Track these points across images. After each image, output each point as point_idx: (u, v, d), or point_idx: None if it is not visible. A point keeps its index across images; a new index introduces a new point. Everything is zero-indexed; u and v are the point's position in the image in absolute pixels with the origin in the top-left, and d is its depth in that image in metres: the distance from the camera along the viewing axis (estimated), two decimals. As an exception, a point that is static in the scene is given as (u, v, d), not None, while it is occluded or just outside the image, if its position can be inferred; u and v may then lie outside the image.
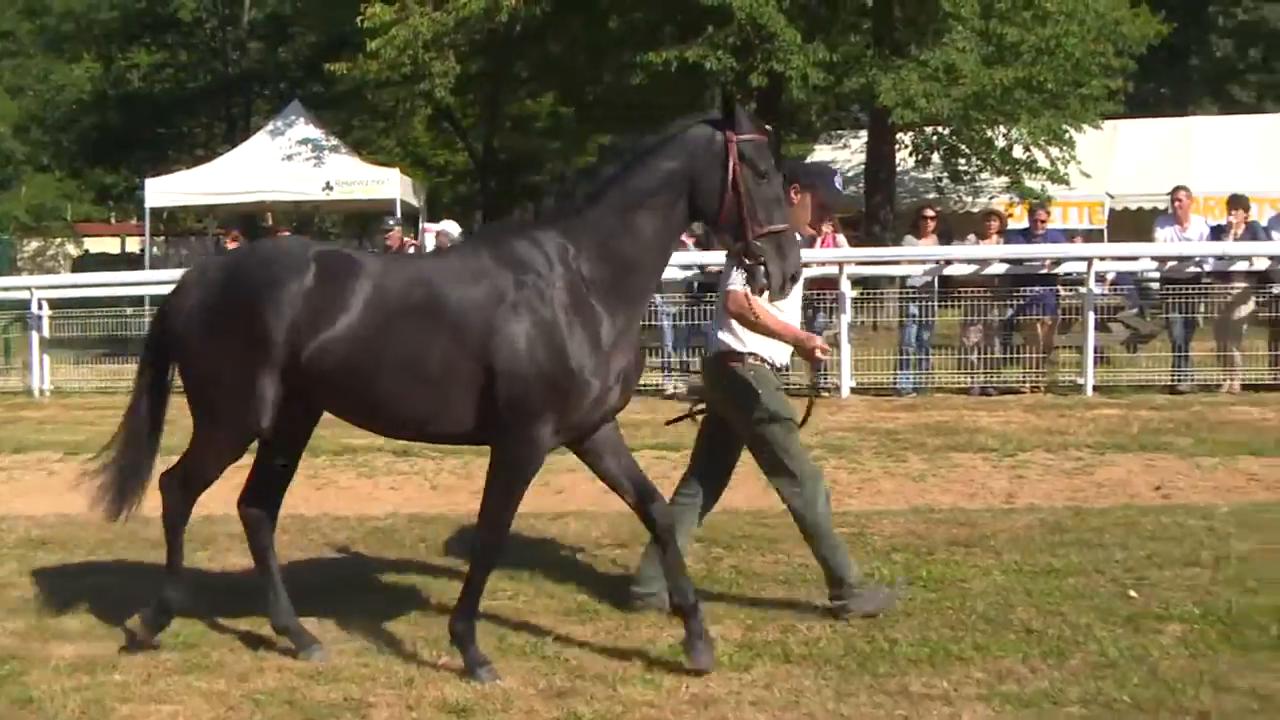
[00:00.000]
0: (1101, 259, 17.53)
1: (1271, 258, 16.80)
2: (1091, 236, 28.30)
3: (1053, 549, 8.67)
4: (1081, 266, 16.90)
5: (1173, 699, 6.16)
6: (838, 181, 8.00)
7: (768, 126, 7.13)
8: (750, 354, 7.56)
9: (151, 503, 7.34)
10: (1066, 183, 28.87)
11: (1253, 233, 17.31)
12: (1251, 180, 25.46)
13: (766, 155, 6.66)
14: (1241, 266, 16.90)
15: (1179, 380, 16.55)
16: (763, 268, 6.51)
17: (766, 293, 6.70)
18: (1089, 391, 16.12)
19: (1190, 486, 10.92)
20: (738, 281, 7.20)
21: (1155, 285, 17.52)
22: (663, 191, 6.58)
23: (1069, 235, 24.49)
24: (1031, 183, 28.87)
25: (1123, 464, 11.90)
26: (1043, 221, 18.34)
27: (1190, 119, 36.98)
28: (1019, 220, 23.71)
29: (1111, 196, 30.78)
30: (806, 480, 7.54)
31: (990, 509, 10.25)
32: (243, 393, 6.75)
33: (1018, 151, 29.02)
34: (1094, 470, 11.67)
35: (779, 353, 7.68)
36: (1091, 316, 16.55)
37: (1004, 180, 29.66)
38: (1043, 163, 28.79)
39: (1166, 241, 17.33)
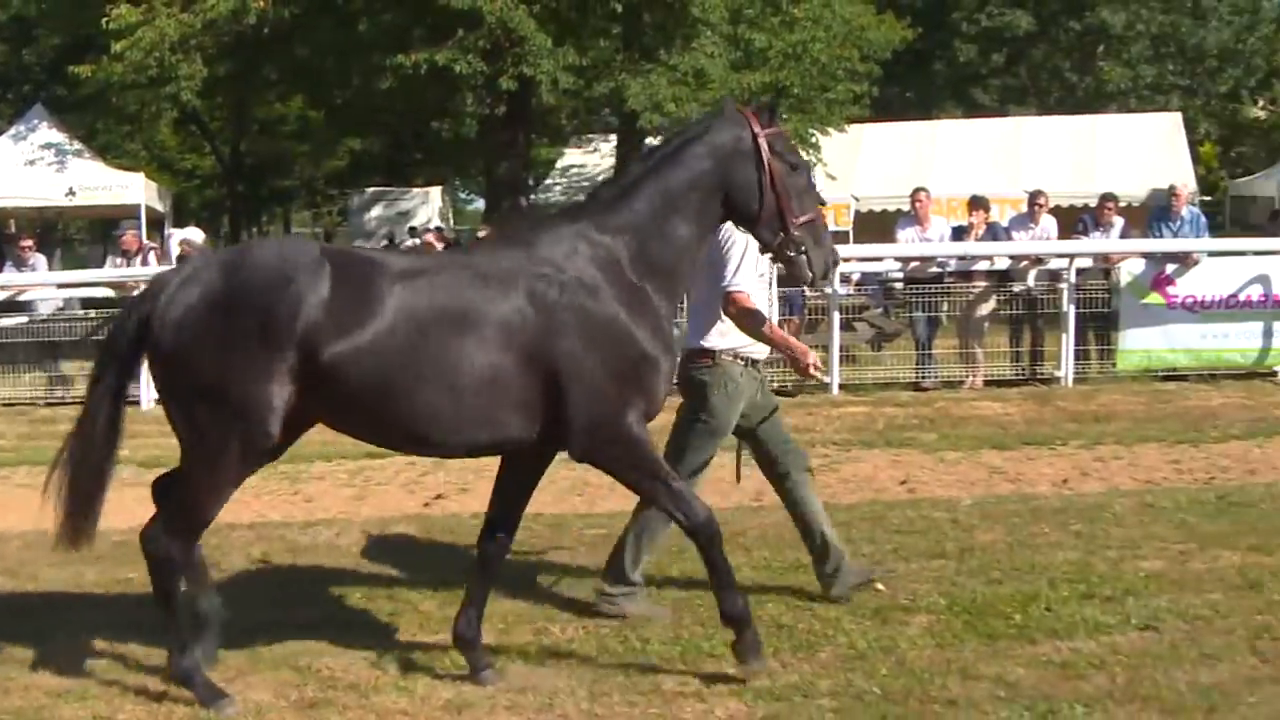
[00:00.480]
0: (846, 260, 17.82)
1: (1012, 257, 17.34)
2: (838, 238, 28.76)
3: (801, 545, 8.78)
4: (829, 268, 17.12)
5: (920, 688, 6.31)
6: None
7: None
8: (725, 350, 7.53)
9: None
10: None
11: (993, 233, 17.83)
12: (994, 182, 26.31)
13: (793, 147, 6.80)
14: (983, 266, 17.37)
15: (923, 377, 16.98)
16: (804, 257, 6.58)
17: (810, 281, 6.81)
18: (835, 390, 16.40)
19: (935, 480, 11.21)
20: (741, 281, 7.28)
21: (899, 285, 17.89)
22: (693, 193, 6.53)
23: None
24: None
25: (869, 460, 12.17)
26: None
27: (934, 123, 38.00)
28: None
29: (857, 199, 31.41)
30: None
31: (740, 507, 10.34)
32: (254, 405, 6.08)
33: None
34: (840, 467, 11.90)
35: (758, 350, 7.66)
36: (837, 316, 16.86)
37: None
38: (793, 165, 29.27)
39: (908, 242, 17.76)
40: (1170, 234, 17.66)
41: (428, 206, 46.10)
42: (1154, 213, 18.64)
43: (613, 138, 32.49)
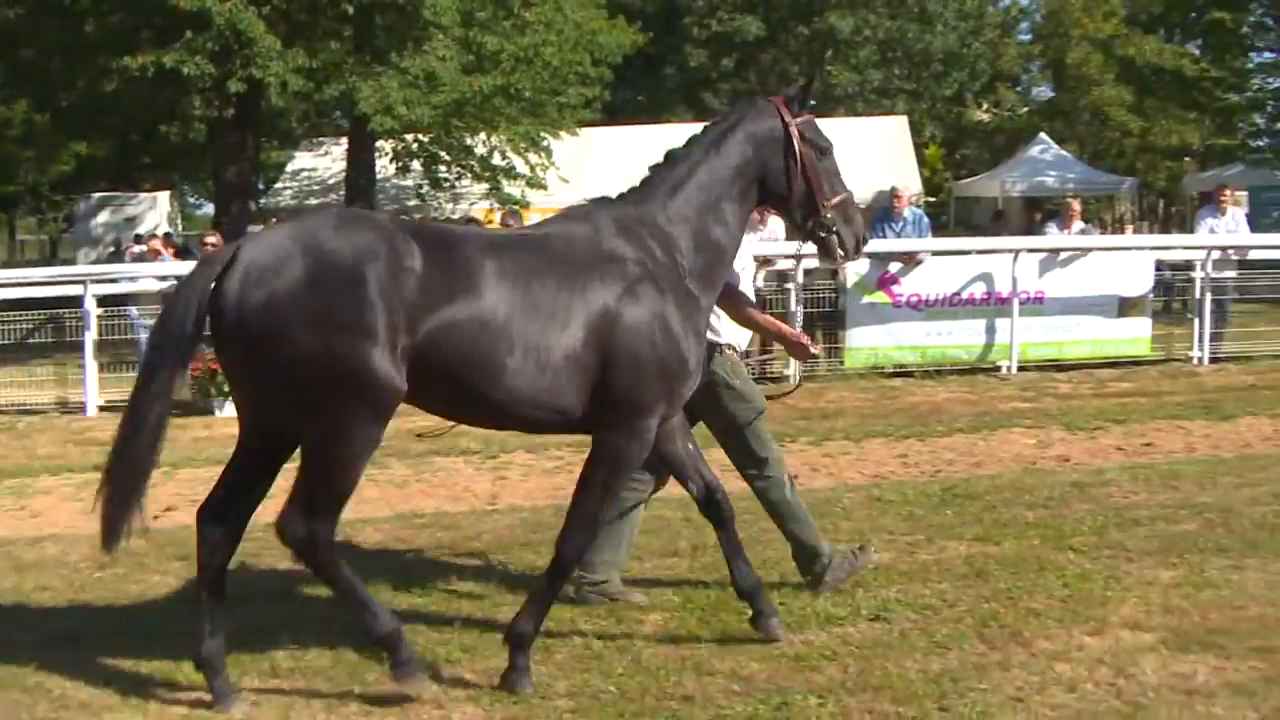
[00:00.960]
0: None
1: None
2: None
3: (535, 548, 8.77)
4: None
5: (657, 686, 6.35)
6: None
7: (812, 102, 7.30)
8: (726, 344, 7.70)
9: None
10: (545, 188, 29.55)
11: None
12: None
13: (820, 132, 7.04)
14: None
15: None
16: (836, 236, 6.93)
17: (842, 259, 7.11)
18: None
19: (674, 482, 11.25)
20: (737, 277, 7.36)
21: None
22: (738, 180, 6.82)
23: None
24: (511, 189, 29.39)
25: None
26: (509, 225, 18.59)
27: (665, 126, 38.41)
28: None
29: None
30: (774, 464, 7.78)
31: (474, 511, 10.33)
32: (371, 371, 5.88)
33: (497, 158, 29.50)
34: (574, 469, 11.72)
35: (742, 338, 7.99)
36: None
37: (484, 187, 30.05)
38: (521, 169, 29.38)
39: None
40: (893, 234, 18.18)
41: (155, 212, 44.88)
42: (877, 214, 19.14)
43: (344, 141, 32.08)
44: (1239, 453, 12.17)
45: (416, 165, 30.45)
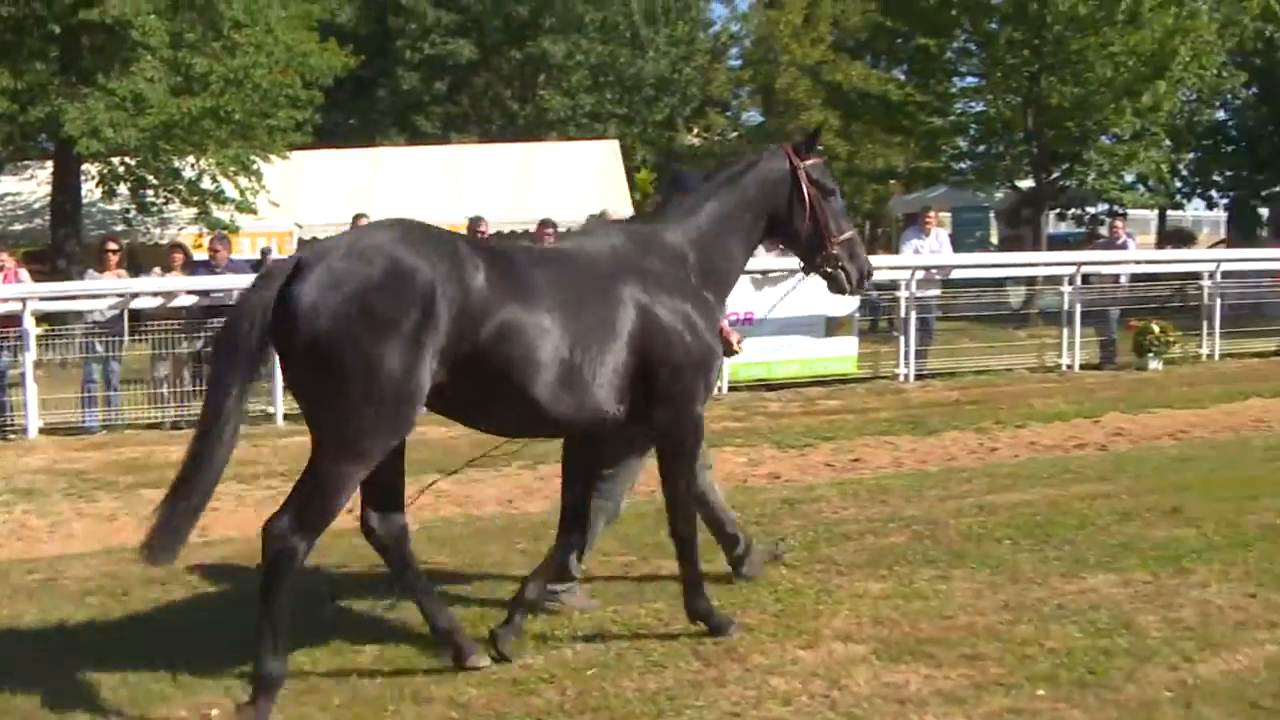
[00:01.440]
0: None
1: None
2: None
3: (251, 579, 8.61)
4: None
5: (375, 716, 6.31)
6: None
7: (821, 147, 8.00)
8: None
9: None
10: (255, 212, 29.08)
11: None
12: (436, 208, 26.62)
13: (828, 174, 7.81)
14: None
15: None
16: (842, 271, 7.70)
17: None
18: (280, 420, 16.20)
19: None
20: None
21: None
22: (746, 216, 7.54)
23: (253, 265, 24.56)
24: (220, 213, 28.85)
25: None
26: (217, 252, 18.28)
27: (377, 149, 38.26)
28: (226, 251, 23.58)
29: (300, 226, 31.24)
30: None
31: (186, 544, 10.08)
32: (407, 387, 6.16)
33: (206, 182, 28.93)
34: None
35: None
36: (277, 346, 16.52)
37: (193, 211, 29.42)
38: (231, 193, 28.86)
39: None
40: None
41: None
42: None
43: (49, 164, 31.06)
44: (944, 466, 12.62)
45: (123, 189, 29.61)
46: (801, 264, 7.93)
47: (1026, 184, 35.04)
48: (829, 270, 7.72)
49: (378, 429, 6.19)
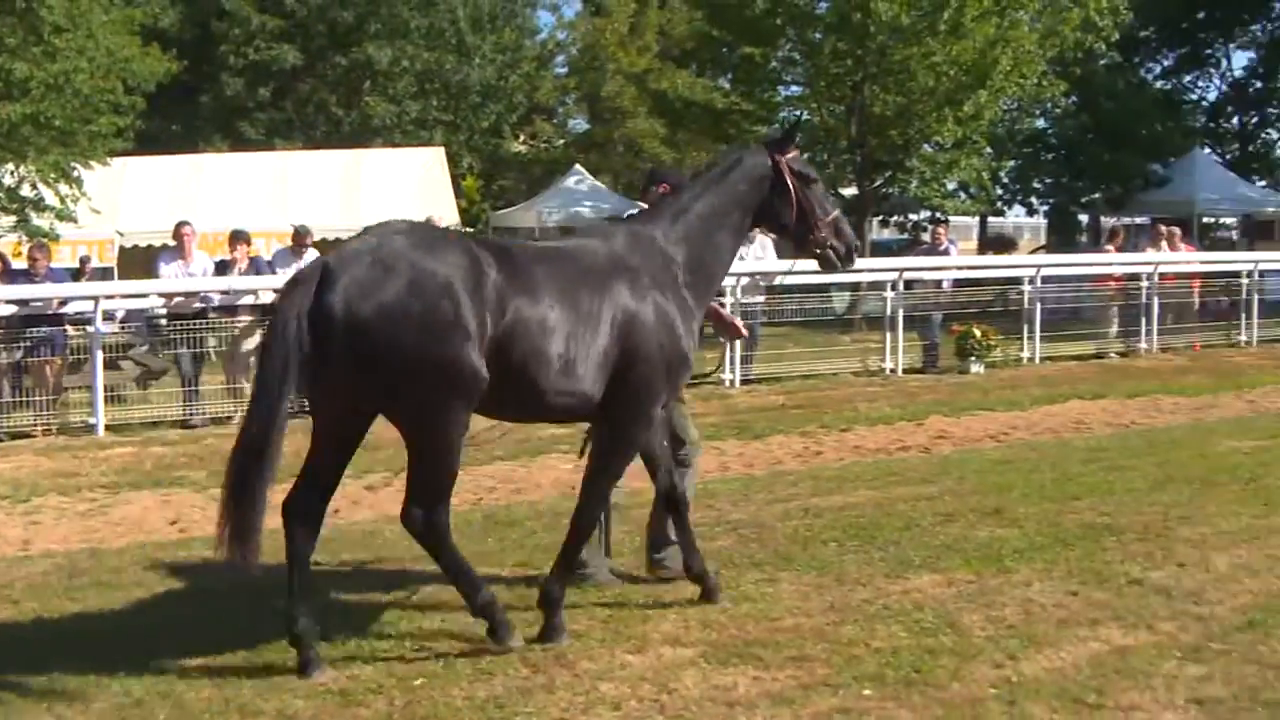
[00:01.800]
0: (110, 297, 17.35)
1: (275, 291, 17.36)
2: (104, 274, 28.12)
3: (72, 593, 8.44)
4: (89, 305, 16.55)
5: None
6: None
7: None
8: None
9: None
10: (75, 220, 28.46)
11: (256, 267, 17.88)
12: (260, 216, 26.33)
13: (806, 165, 8.31)
14: (248, 300, 17.29)
15: (190, 415, 16.71)
16: (830, 251, 8.19)
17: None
18: (101, 431, 15.85)
19: (207, 519, 10.94)
20: None
21: (164, 321, 17.54)
22: (735, 212, 8.03)
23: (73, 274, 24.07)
24: (40, 221, 28.19)
25: (138, 501, 11.84)
26: (36, 260, 17.84)
27: (200, 156, 37.67)
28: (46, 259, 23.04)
29: (122, 234, 30.68)
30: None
31: (4, 558, 9.83)
32: (467, 366, 6.77)
33: (25, 189, 28.25)
34: (110, 510, 11.52)
35: None
36: (100, 355, 16.24)
37: (11, 219, 28.71)
38: (51, 201, 28.21)
39: (172, 277, 17.47)
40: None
41: None
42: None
43: None
44: (770, 470, 12.76)
45: (-59, 197, 28.74)
46: (795, 248, 8.46)
47: (850, 191, 35.52)
48: (819, 251, 8.23)
49: (453, 406, 6.86)
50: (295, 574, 7.01)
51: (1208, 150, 53.79)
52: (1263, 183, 57.15)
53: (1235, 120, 66.16)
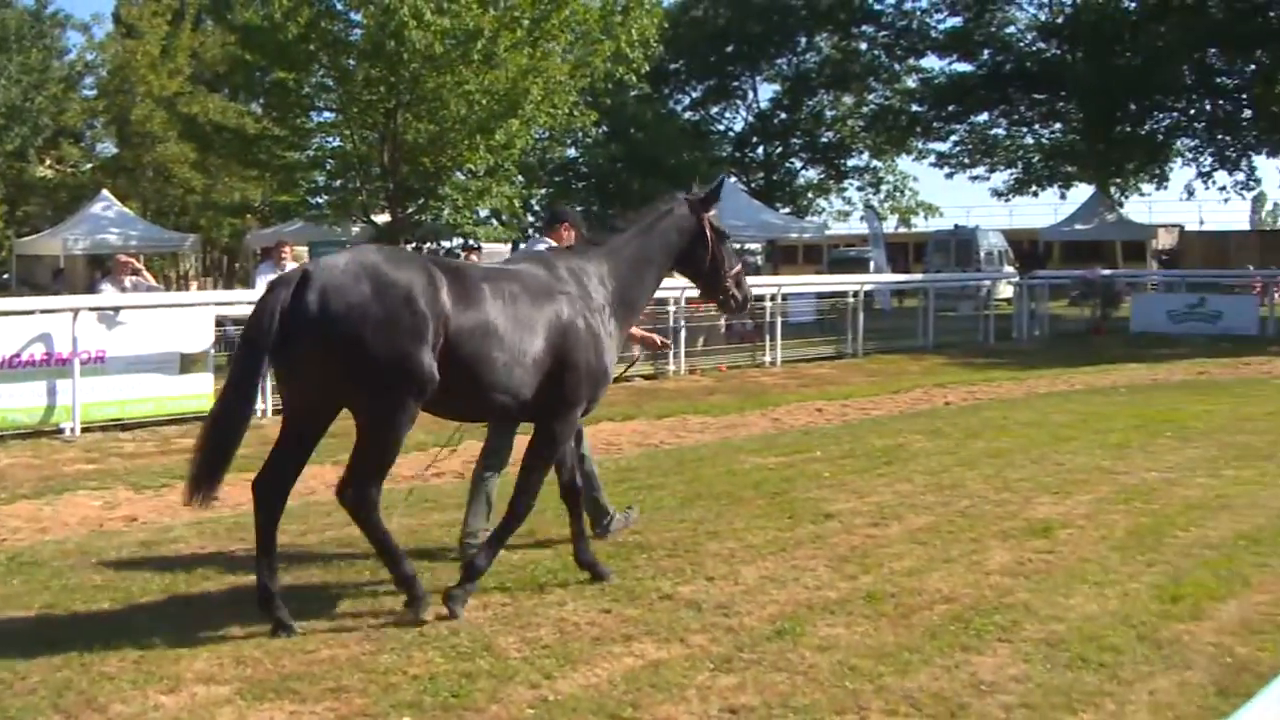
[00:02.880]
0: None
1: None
2: None
3: None
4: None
5: None
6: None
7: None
8: None
9: None
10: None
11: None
12: None
13: (720, 222, 9.95)
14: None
15: None
16: (734, 300, 9.91)
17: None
18: None
19: None
20: None
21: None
22: (659, 255, 9.59)
23: None
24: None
25: None
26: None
27: None
28: None
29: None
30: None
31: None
32: (420, 365, 7.92)
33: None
34: None
35: None
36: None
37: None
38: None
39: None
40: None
41: None
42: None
43: None
44: (302, 501, 12.57)
45: None
46: (701, 293, 10.42)
47: (383, 219, 35.56)
48: (722, 298, 9.92)
49: (405, 399, 7.98)
50: (262, 543, 8.18)
51: (734, 179, 56.28)
52: (786, 210, 60.32)
53: (760, 150, 69.79)
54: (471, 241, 26.58)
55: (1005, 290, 41.13)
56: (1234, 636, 7.95)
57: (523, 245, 20.91)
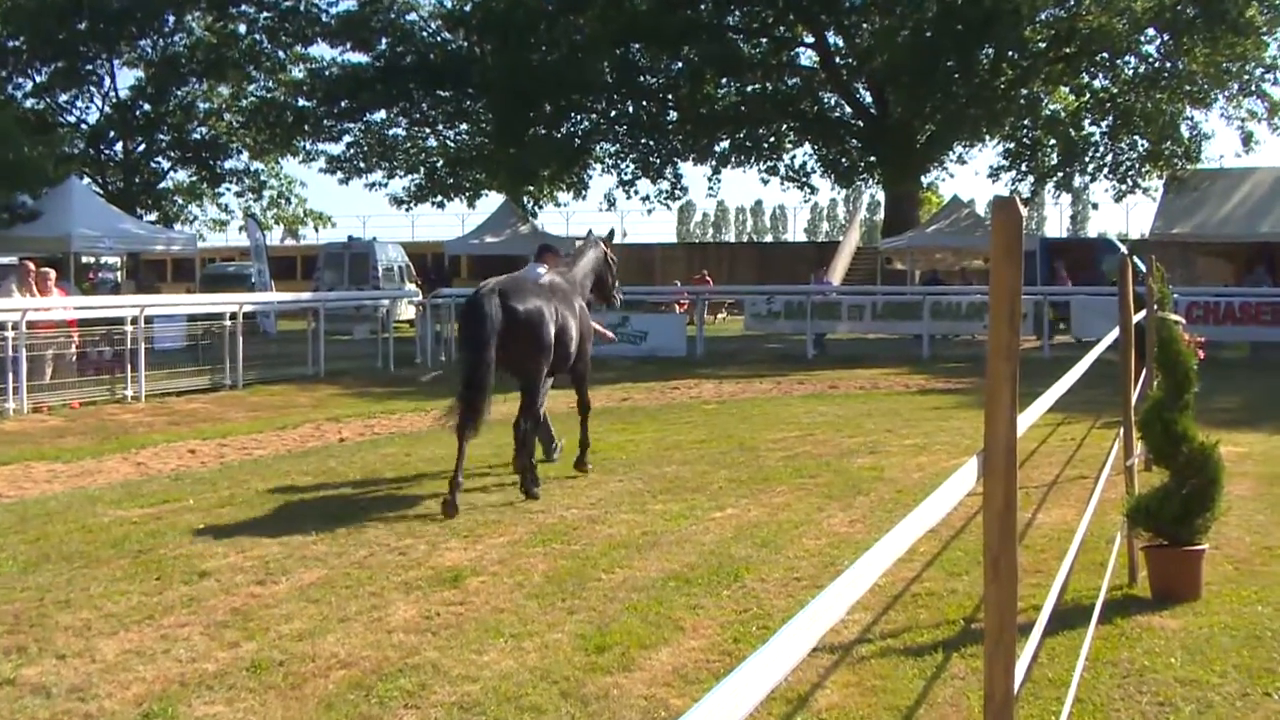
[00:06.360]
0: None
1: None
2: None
3: None
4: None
5: None
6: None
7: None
8: None
9: None
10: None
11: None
12: None
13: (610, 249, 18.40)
14: None
15: None
16: (619, 299, 19.13)
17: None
18: None
19: None
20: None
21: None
22: (592, 274, 17.39)
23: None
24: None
25: None
26: None
27: None
28: None
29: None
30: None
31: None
32: (550, 344, 15.43)
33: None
34: None
35: None
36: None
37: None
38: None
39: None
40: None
41: None
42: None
43: None
44: None
45: None
46: (599, 298, 18.06)
47: None
48: (611, 299, 18.24)
49: (544, 368, 15.53)
50: (460, 458, 14.36)
51: (87, 180, 54.78)
52: (152, 218, 58.93)
53: (119, 146, 67.62)
54: None
55: (407, 311, 41.73)
56: (668, 688, 8.26)
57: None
